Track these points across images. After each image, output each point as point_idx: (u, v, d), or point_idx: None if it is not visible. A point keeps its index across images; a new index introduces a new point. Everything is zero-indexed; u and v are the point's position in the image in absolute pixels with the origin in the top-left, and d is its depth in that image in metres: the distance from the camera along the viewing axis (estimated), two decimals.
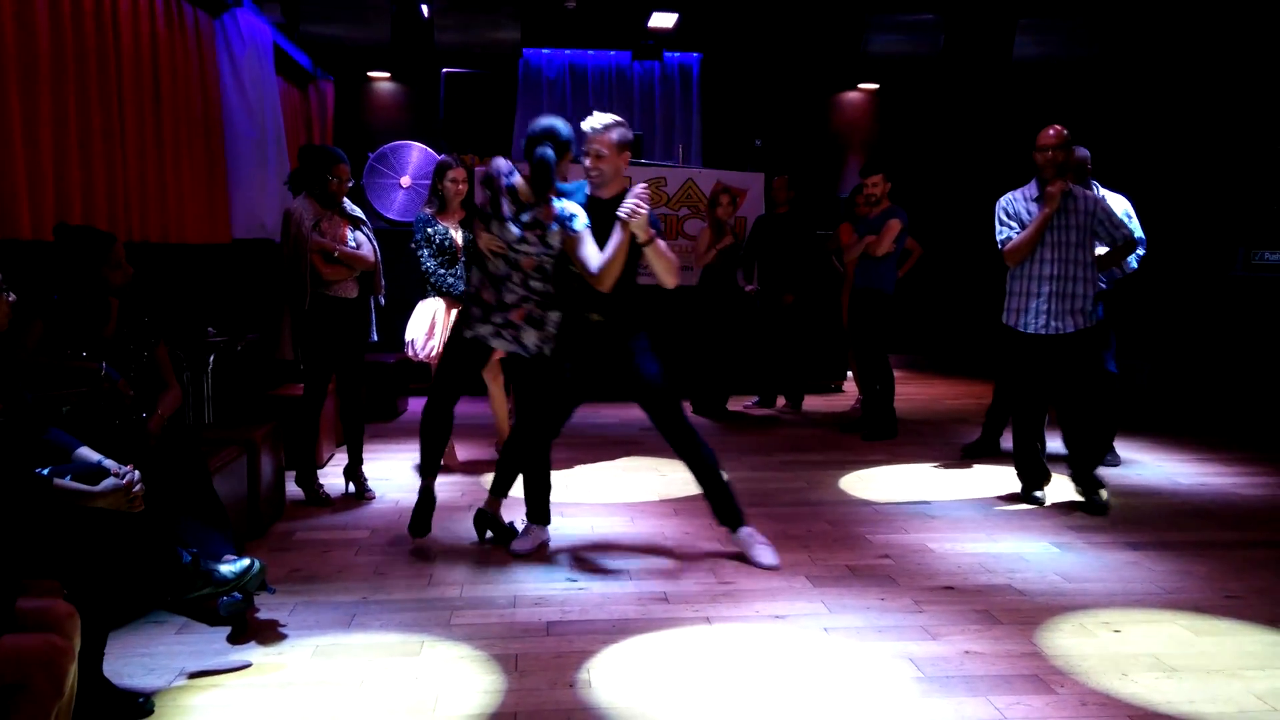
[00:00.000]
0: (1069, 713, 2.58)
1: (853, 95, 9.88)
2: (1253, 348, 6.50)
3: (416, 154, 8.43)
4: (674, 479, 5.20)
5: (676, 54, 9.45)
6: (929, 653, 2.95)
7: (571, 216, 3.66)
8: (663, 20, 8.50)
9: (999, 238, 4.56)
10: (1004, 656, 2.93)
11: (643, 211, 3.53)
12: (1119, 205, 5.51)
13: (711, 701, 2.63)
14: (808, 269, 7.17)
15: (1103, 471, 4.97)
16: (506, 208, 3.71)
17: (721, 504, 3.88)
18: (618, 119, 3.79)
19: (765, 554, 3.76)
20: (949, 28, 7.56)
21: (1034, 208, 4.49)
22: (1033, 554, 3.93)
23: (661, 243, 3.68)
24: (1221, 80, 6.73)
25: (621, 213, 3.52)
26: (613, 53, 9.43)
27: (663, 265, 3.70)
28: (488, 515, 4.01)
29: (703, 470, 3.88)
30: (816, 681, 2.76)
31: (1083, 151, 5.65)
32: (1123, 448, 5.78)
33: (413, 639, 3.03)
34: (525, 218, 3.69)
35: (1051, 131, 4.51)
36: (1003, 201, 4.62)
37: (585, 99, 9.37)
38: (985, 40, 7.58)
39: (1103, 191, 5.61)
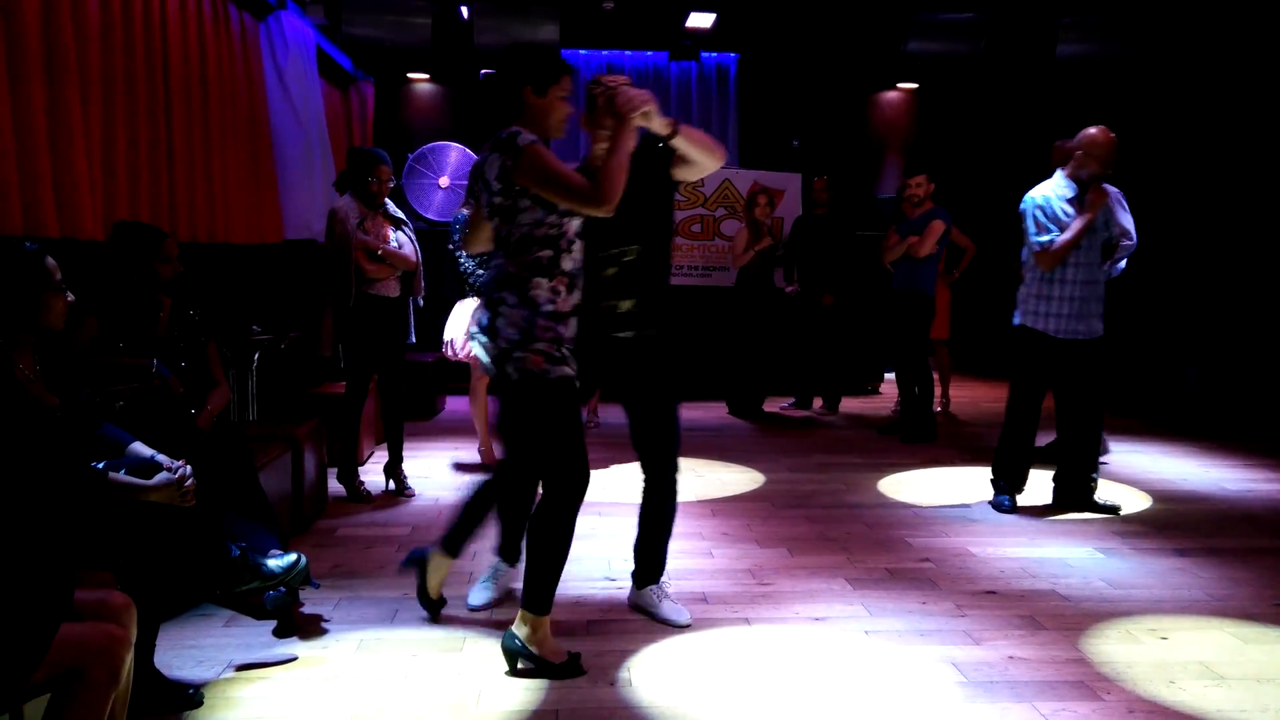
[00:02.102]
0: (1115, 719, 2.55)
1: (891, 95, 9.81)
2: None
3: (455, 154, 8.51)
4: (711, 480, 5.20)
5: (714, 54, 9.43)
6: (972, 657, 2.93)
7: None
8: (700, 20, 8.48)
9: (1039, 239, 4.37)
10: (1049, 662, 2.89)
11: (647, 101, 2.80)
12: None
13: (752, 703, 2.63)
14: (847, 270, 7.13)
15: (1142, 475, 4.90)
16: None
17: (645, 556, 3.33)
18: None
19: (676, 612, 3.19)
20: (991, 27, 7.48)
21: (1069, 209, 4.38)
22: (1076, 559, 3.88)
23: (686, 127, 2.95)
24: (1270, 78, 6.60)
25: (621, 108, 2.77)
26: (650, 53, 9.43)
27: (700, 149, 2.95)
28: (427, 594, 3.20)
29: (658, 517, 3.32)
30: (858, 684, 2.75)
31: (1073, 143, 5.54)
32: (1168, 452, 5.70)
33: (455, 635, 3.06)
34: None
35: (1110, 135, 4.38)
36: (1038, 201, 4.41)
37: None
38: (1027, 39, 7.49)
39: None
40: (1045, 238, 4.37)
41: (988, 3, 7.58)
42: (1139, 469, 5.51)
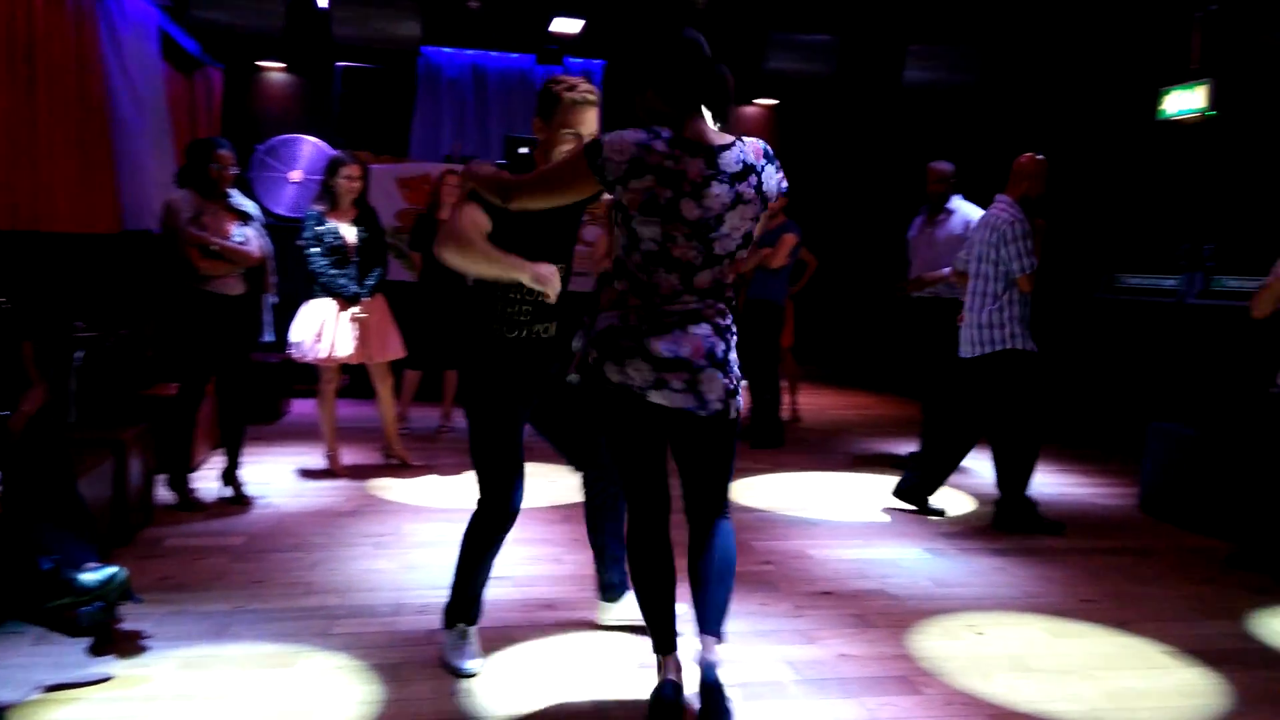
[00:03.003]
0: (934, 712, 2.70)
1: (751, 110, 10.08)
2: (1113, 366, 6.90)
3: (309, 148, 8.23)
4: (564, 485, 5.20)
5: (580, 60, 9.44)
6: (807, 656, 3.04)
7: None
8: (567, 25, 8.50)
9: (1030, 265, 4.49)
10: (876, 659, 3.04)
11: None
12: (976, 216, 5.82)
13: (595, 707, 2.65)
14: None
15: (964, 478, 5.21)
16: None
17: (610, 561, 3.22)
18: None
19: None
20: (844, 50, 7.80)
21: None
22: (906, 559, 4.09)
23: None
24: (1087, 110, 7.14)
25: None
26: (516, 55, 9.37)
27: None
28: None
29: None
30: (690, 683, 2.80)
31: (944, 165, 5.93)
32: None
33: (288, 650, 2.95)
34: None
35: (1035, 158, 4.68)
36: (1020, 227, 4.53)
37: (487, 101, 9.29)
38: (878, 64, 7.86)
39: (961, 204, 5.91)
40: (1030, 259, 4.51)
41: (843, 26, 7.90)
42: (966, 473, 5.85)
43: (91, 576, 2.66)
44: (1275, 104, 5.67)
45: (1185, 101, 5.94)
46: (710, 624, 2.50)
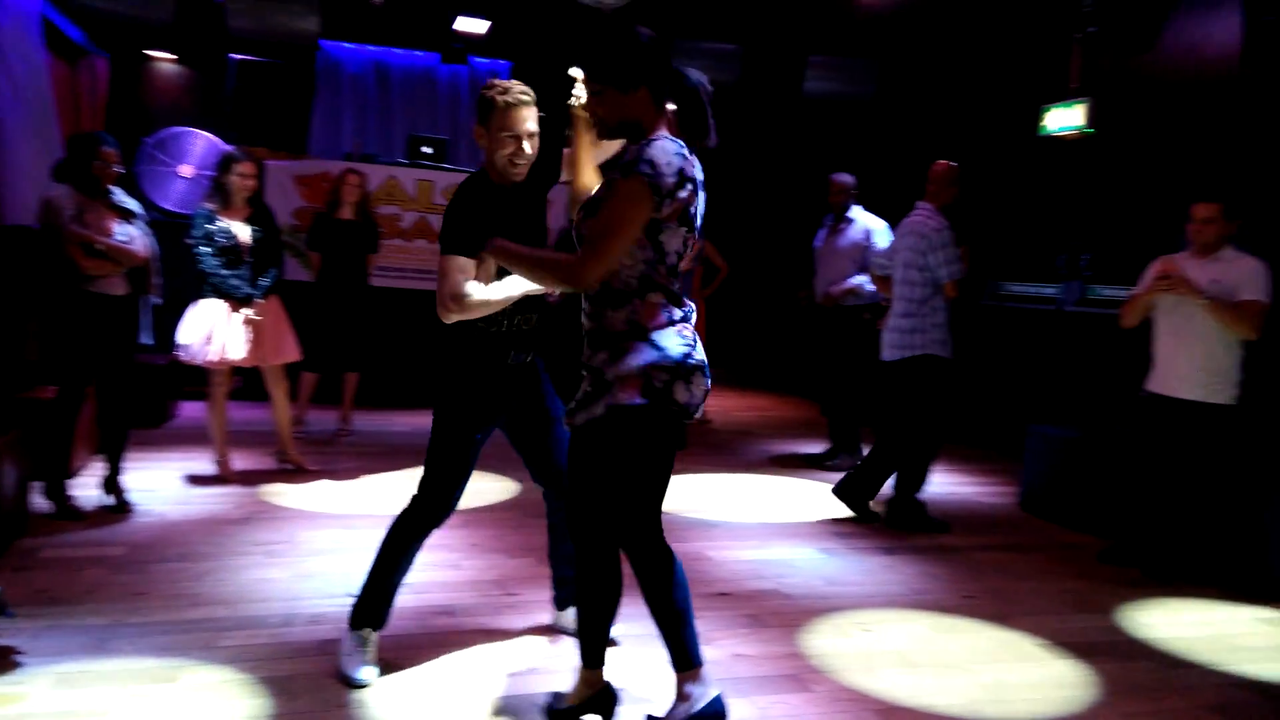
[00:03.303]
0: (822, 709, 2.78)
1: None
2: (997, 370, 7.20)
3: (201, 143, 7.95)
4: (466, 489, 5.15)
5: (486, 60, 9.37)
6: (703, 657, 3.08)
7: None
8: (472, 26, 8.42)
9: (957, 273, 4.69)
10: (768, 658, 3.11)
11: None
12: (874, 226, 6.05)
13: (488, 714, 2.64)
14: None
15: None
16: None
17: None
18: None
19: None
20: (747, 58, 7.94)
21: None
22: (801, 560, 4.19)
23: None
24: (975, 124, 7.44)
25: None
26: (420, 53, 9.24)
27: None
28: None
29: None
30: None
31: (846, 177, 6.14)
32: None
33: (170, 664, 2.86)
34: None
35: (945, 165, 4.85)
36: (946, 235, 4.71)
37: (390, 98, 9.14)
38: (779, 73, 8.02)
39: (861, 214, 6.12)
40: (956, 267, 4.68)
41: (746, 36, 8.04)
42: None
43: None
44: (1148, 123, 6.00)
45: (1065, 119, 6.24)
46: (698, 653, 2.54)
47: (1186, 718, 2.87)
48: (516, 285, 2.71)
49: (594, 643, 2.56)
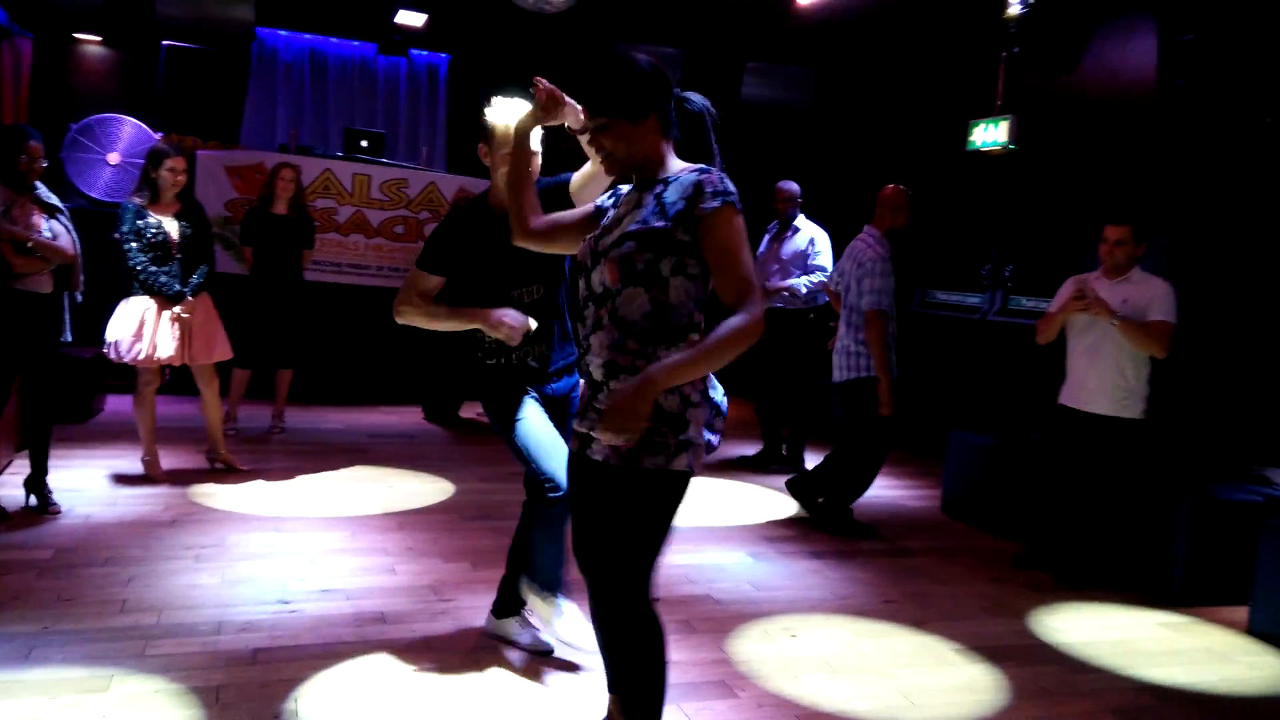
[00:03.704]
0: (747, 715, 2.88)
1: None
2: (923, 375, 7.42)
3: (129, 129, 7.75)
4: (401, 490, 5.18)
5: (425, 53, 9.29)
6: None
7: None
8: (411, 19, 8.34)
9: (875, 303, 4.75)
10: (697, 664, 3.21)
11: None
12: (816, 234, 6.22)
13: None
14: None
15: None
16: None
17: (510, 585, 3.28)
18: None
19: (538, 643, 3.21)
20: (686, 63, 8.02)
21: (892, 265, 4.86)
22: (731, 564, 4.31)
23: None
24: (907, 137, 7.65)
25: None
26: (357, 43, 9.12)
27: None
28: None
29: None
30: (525, 698, 2.89)
31: (792, 186, 6.30)
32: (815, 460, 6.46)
33: (101, 673, 2.84)
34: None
35: (904, 192, 4.96)
36: (880, 265, 4.79)
37: (326, 88, 9.00)
38: (717, 79, 8.11)
39: (806, 224, 6.28)
40: (876, 297, 4.76)
41: (685, 40, 8.12)
42: (784, 474, 6.18)
43: None
44: (1069, 141, 6.25)
45: (990, 135, 6.47)
46: None
47: None
48: (459, 322, 2.98)
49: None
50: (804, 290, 6.13)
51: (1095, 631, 3.84)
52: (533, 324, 2.93)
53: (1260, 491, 4.45)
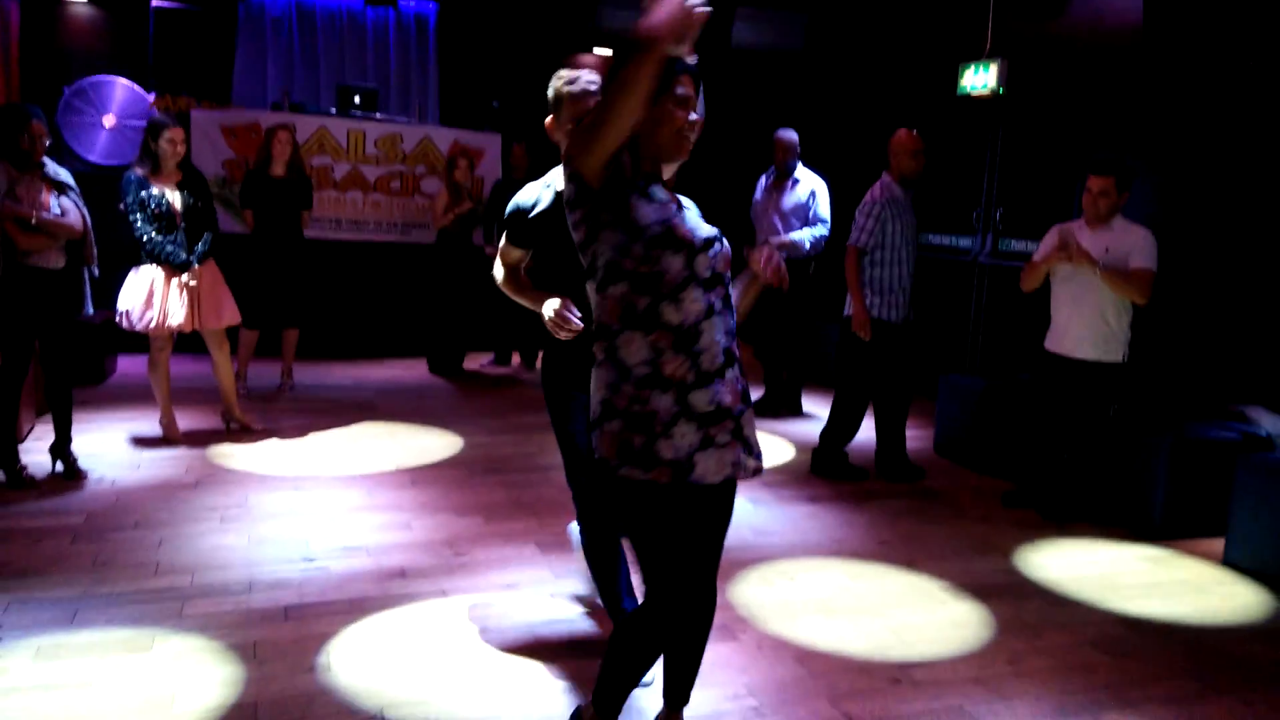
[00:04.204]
0: (748, 657, 3.09)
1: (589, 59, 10.15)
2: (919, 317, 7.56)
3: (121, 90, 7.76)
4: (411, 445, 5.36)
5: (413, 2, 9.22)
6: None
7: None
8: None
9: (854, 239, 4.96)
10: None
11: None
12: (817, 185, 6.31)
13: (447, 673, 2.89)
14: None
15: (791, 426, 5.70)
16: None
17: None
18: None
19: None
20: None
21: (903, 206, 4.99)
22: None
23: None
24: (898, 81, 7.67)
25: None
26: None
27: None
28: None
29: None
30: (542, 646, 3.09)
31: (791, 135, 6.36)
32: (813, 403, 6.64)
33: (143, 633, 3.04)
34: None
35: (906, 134, 5.03)
36: (867, 206, 4.97)
37: (314, 43, 8.94)
38: (708, 24, 8.09)
39: (806, 173, 6.37)
40: (857, 234, 4.96)
41: None
42: (788, 420, 6.37)
43: None
44: (1056, 85, 6.30)
45: (980, 78, 6.51)
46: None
47: (1065, 652, 3.25)
48: (528, 301, 2.82)
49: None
50: (806, 246, 6.25)
51: (1078, 566, 4.05)
52: (578, 324, 2.60)
53: (1236, 429, 4.63)
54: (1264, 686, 3.08)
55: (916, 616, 3.46)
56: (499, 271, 2.92)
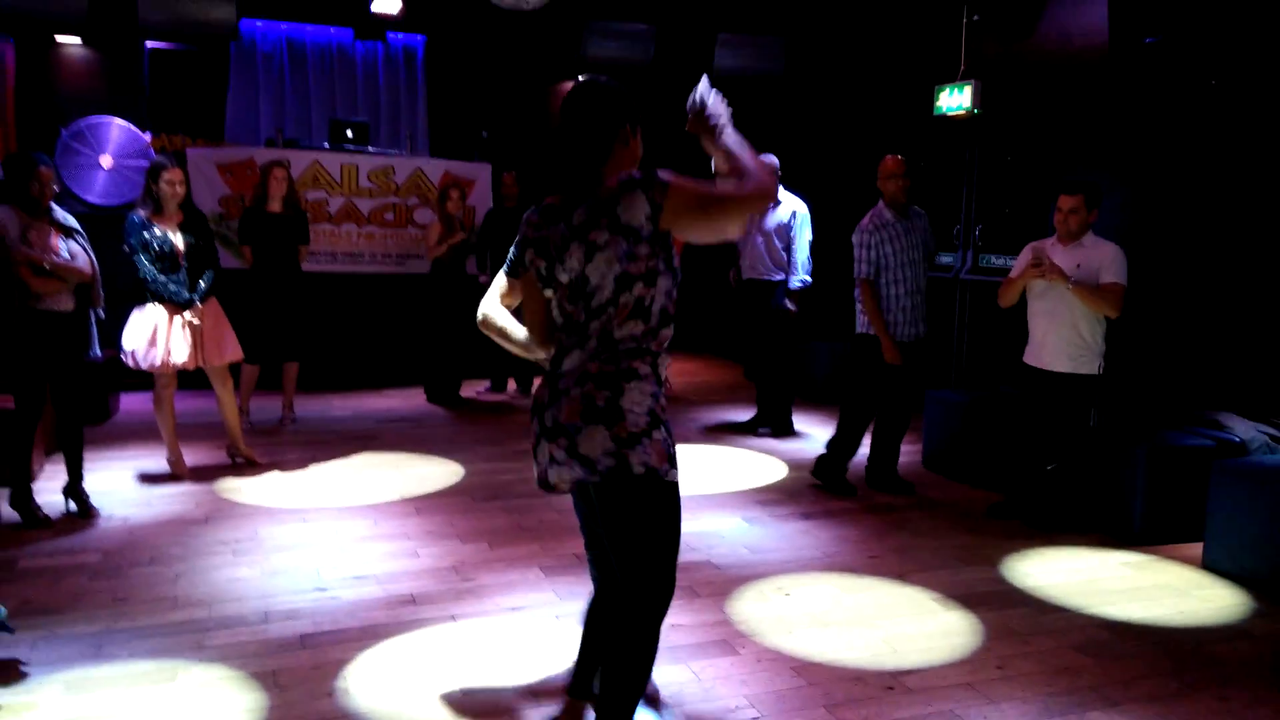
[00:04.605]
0: (747, 670, 3.23)
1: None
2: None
3: (118, 131, 7.91)
4: (411, 475, 5.49)
5: (401, 35, 9.42)
6: None
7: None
8: (387, 6, 8.49)
9: (856, 271, 5.19)
10: (700, 626, 3.55)
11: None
12: (797, 206, 6.50)
13: (459, 694, 3.02)
14: None
15: (783, 445, 5.86)
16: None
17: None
18: None
19: None
20: (660, 38, 8.21)
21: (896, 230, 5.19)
22: (727, 530, 4.65)
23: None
24: (876, 103, 7.88)
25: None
26: (334, 29, 9.23)
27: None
28: None
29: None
30: (546, 666, 3.23)
31: (772, 159, 6.55)
32: (803, 422, 6.80)
33: (166, 665, 3.16)
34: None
35: (889, 159, 5.24)
36: (859, 236, 5.19)
37: (305, 78, 9.14)
38: (691, 51, 8.32)
39: (787, 196, 6.55)
40: (856, 266, 5.21)
41: (657, 16, 8.30)
42: (779, 439, 6.52)
43: None
44: (1029, 105, 6.51)
45: (955, 99, 6.72)
46: None
47: (1052, 656, 3.40)
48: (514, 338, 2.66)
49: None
50: (797, 286, 6.44)
51: (1062, 574, 4.20)
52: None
53: (1211, 435, 4.81)
54: (1241, 683, 3.23)
55: (908, 626, 3.61)
56: (493, 308, 2.71)
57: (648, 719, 2.86)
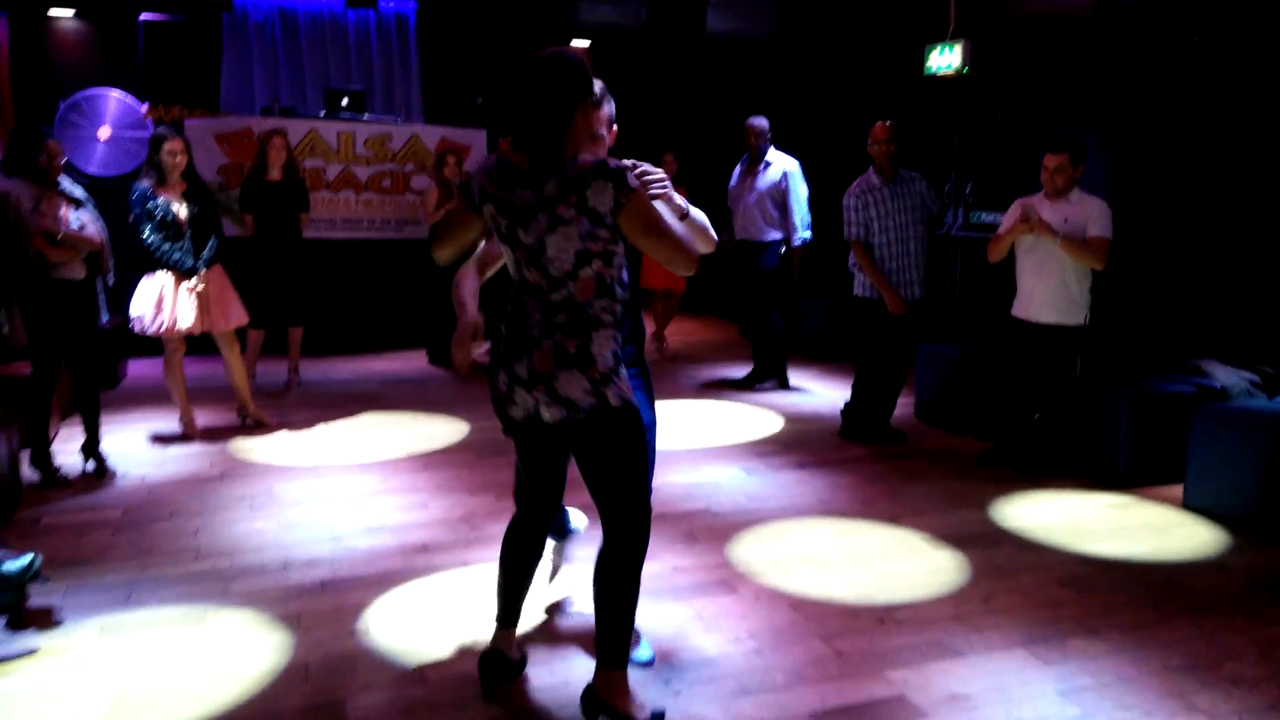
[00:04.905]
0: (747, 607, 3.40)
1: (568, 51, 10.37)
2: None
3: (115, 103, 7.96)
4: (418, 433, 5.63)
5: (392, 2, 9.43)
6: (646, 572, 3.62)
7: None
8: None
9: (845, 233, 5.39)
10: (701, 568, 3.72)
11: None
12: (789, 166, 6.62)
13: (473, 631, 3.18)
14: None
15: (778, 399, 6.01)
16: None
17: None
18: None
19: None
20: (651, 1, 8.24)
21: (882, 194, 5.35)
22: (726, 480, 4.81)
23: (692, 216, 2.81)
24: (867, 63, 7.95)
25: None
26: None
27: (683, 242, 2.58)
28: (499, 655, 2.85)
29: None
30: (554, 607, 3.39)
31: (762, 121, 6.66)
32: (797, 376, 6.94)
33: (194, 610, 3.31)
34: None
35: (877, 125, 5.40)
36: (846, 199, 5.40)
37: (298, 46, 9.16)
38: (681, 14, 8.34)
39: (777, 156, 6.67)
40: (846, 229, 5.43)
41: None
42: (775, 393, 6.68)
43: (13, 565, 2.93)
44: (1018, 63, 6.60)
45: (945, 59, 6.79)
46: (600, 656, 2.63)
47: (1038, 592, 3.57)
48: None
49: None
50: (798, 243, 6.60)
51: (1047, 515, 4.37)
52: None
53: (1192, 382, 4.97)
54: (1215, 611, 3.41)
55: (899, 565, 3.78)
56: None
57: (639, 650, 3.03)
